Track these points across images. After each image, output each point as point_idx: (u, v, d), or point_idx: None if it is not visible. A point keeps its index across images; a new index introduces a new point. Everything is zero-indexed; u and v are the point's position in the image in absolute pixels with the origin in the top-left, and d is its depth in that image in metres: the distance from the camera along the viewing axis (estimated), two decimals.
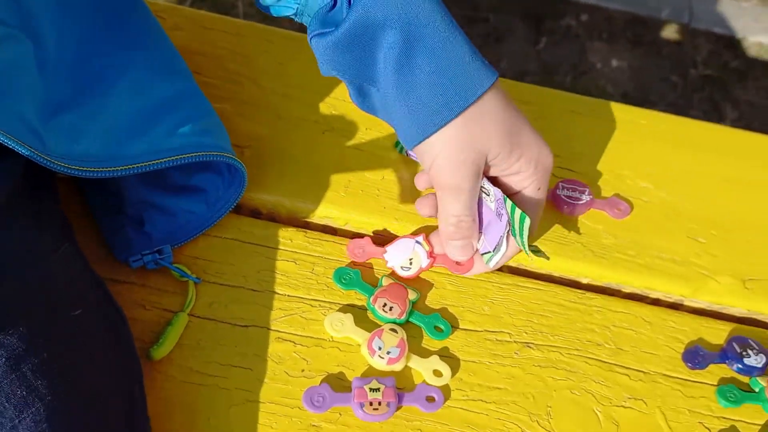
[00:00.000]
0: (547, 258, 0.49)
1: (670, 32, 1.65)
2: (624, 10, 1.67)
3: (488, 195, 0.45)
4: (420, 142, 0.43)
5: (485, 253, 0.48)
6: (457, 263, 0.49)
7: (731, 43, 1.66)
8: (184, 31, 0.59)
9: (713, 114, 1.55)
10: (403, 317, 0.47)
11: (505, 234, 0.45)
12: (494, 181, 0.46)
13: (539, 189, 0.46)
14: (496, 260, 0.47)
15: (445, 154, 0.43)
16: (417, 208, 0.50)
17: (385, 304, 0.47)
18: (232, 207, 0.49)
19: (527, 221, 0.43)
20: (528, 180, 0.46)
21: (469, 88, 0.42)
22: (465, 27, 1.63)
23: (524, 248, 0.45)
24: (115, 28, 0.48)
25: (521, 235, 0.44)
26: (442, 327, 0.48)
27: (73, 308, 0.38)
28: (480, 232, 0.47)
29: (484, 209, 0.47)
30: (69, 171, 0.40)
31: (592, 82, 1.54)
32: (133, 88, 0.46)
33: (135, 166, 0.43)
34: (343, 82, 0.44)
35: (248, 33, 0.60)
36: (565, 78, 1.53)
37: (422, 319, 0.48)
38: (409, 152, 0.51)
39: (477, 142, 0.43)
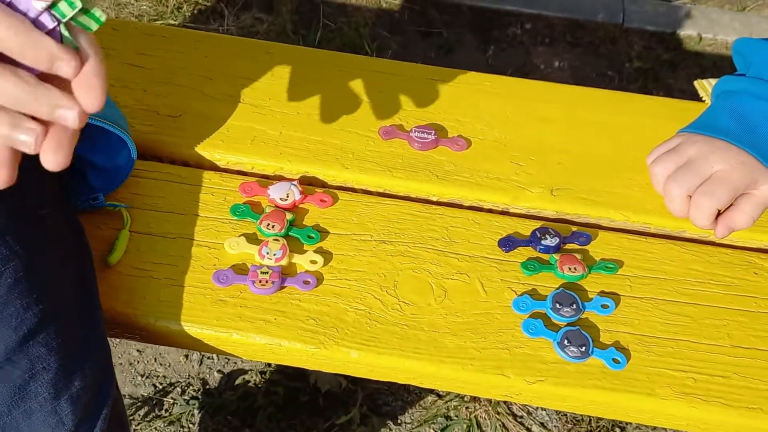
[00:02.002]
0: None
1: (605, 33, 1.83)
2: (563, 17, 1.85)
3: None
4: None
5: None
6: (321, 200, 0.66)
7: (663, 38, 1.83)
8: (131, 38, 0.78)
9: None
10: (283, 231, 0.64)
11: None
12: None
13: None
14: None
15: None
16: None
17: (268, 224, 0.64)
18: (133, 165, 0.65)
19: None
20: None
21: None
22: (420, 41, 1.84)
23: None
24: None
25: None
26: (314, 236, 0.65)
27: (41, 209, 0.55)
28: None
29: None
30: None
31: None
32: None
33: None
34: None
35: (179, 36, 0.79)
36: None
37: (298, 232, 0.65)
38: None
39: None
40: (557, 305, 0.60)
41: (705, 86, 0.78)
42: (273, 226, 0.64)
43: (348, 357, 0.59)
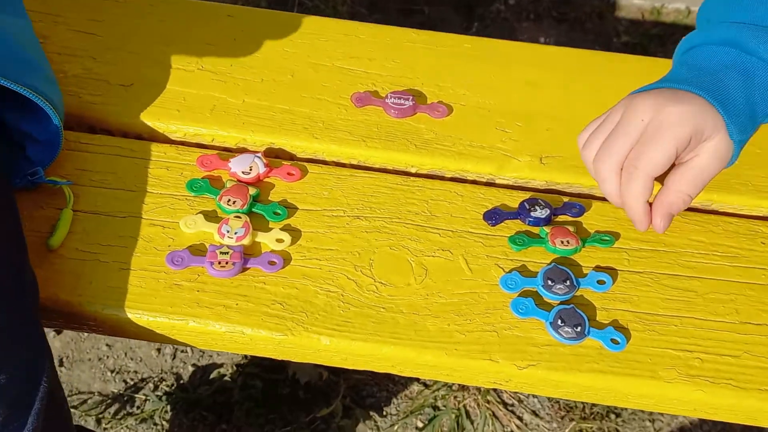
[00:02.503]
0: None
1: (592, 8, 1.77)
2: None
3: None
4: None
5: None
6: (288, 173, 0.60)
7: (651, 13, 1.78)
8: (81, 2, 0.71)
9: None
10: (245, 207, 0.58)
11: None
12: None
13: None
14: None
15: None
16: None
17: (229, 200, 0.58)
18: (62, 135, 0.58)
19: None
20: None
21: None
22: (402, 19, 1.78)
23: None
24: None
25: None
26: (280, 212, 0.58)
27: None
28: None
29: None
30: None
31: None
32: None
33: None
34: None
35: (134, 1, 0.73)
36: None
37: (262, 208, 0.59)
38: None
39: None
40: (549, 282, 0.55)
41: None
42: (234, 202, 0.58)
43: (319, 344, 0.53)
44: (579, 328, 0.53)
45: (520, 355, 0.53)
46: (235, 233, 0.56)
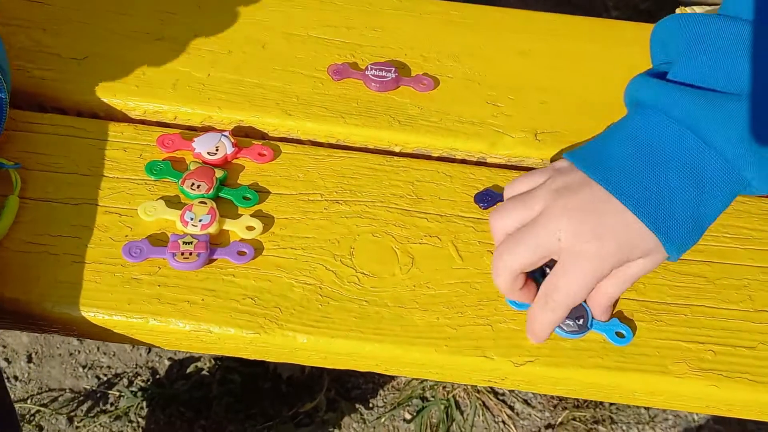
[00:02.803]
0: None
1: None
2: None
3: None
4: None
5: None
6: (259, 153, 0.55)
7: None
8: None
9: None
10: (211, 192, 0.52)
11: None
12: None
13: None
14: None
15: None
16: None
17: (193, 184, 0.52)
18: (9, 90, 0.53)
19: None
20: None
21: None
22: None
23: None
24: None
25: None
26: (250, 196, 0.53)
27: None
28: None
29: None
30: None
31: None
32: None
33: None
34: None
35: None
36: None
37: (230, 192, 0.53)
38: None
39: None
40: (547, 270, 0.50)
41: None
42: (198, 186, 0.52)
43: (294, 343, 0.48)
44: (581, 321, 0.48)
45: (516, 351, 0.48)
46: (200, 221, 0.51)
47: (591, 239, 0.43)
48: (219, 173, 0.53)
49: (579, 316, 0.48)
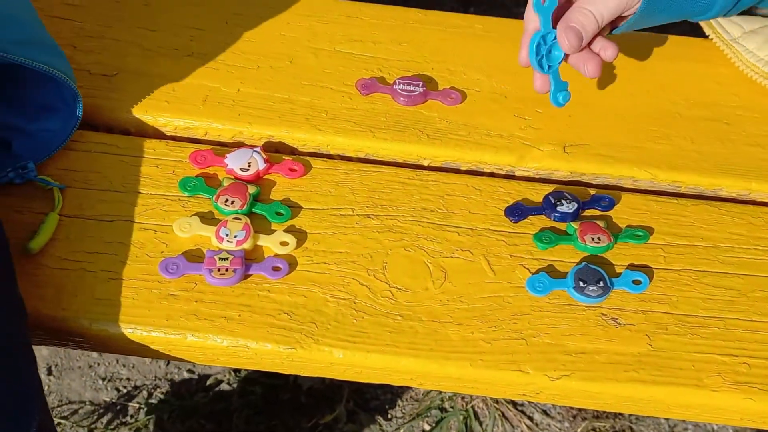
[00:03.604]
0: None
1: None
2: None
3: None
4: None
5: None
6: (290, 169, 0.55)
7: None
8: None
9: None
10: (245, 208, 0.52)
11: None
12: None
13: None
14: None
15: None
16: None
17: (227, 200, 0.53)
18: (77, 125, 0.54)
19: None
20: None
21: None
22: (397, 3, 1.72)
23: None
24: None
25: None
26: (283, 212, 0.53)
27: None
28: None
29: None
30: None
31: None
32: None
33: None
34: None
35: None
36: None
37: (263, 208, 0.53)
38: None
39: None
40: (581, 283, 0.50)
41: (711, 23, 0.68)
42: (233, 202, 0.53)
43: (331, 358, 0.48)
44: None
45: (551, 365, 0.48)
46: (235, 236, 0.51)
47: None
48: (252, 189, 0.54)
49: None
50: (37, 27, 0.54)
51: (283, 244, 0.52)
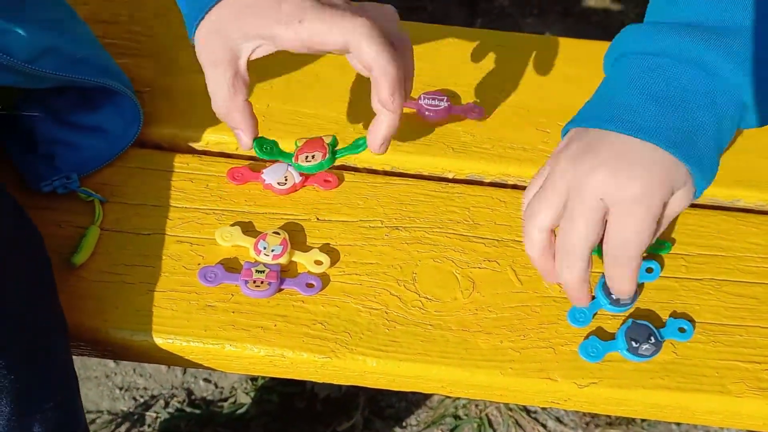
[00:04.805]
0: None
1: (597, 2, 1.75)
2: None
3: None
4: (192, 39, 0.49)
5: None
6: (325, 180, 0.57)
7: None
8: (89, 5, 0.67)
9: None
10: (327, 158, 0.52)
11: None
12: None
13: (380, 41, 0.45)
14: None
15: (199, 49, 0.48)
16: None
17: (307, 157, 0.53)
18: (131, 143, 0.57)
19: None
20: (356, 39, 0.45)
21: None
22: (406, 16, 1.73)
23: None
24: None
25: None
26: (361, 143, 0.52)
27: None
28: None
29: None
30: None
31: None
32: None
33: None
34: None
35: (145, 1, 0.69)
36: None
37: (346, 149, 0.53)
38: None
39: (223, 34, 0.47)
40: (633, 344, 0.49)
41: None
42: (313, 156, 0.52)
43: (365, 366, 0.49)
44: (653, 339, 0.50)
45: (579, 373, 0.50)
46: (272, 251, 0.52)
47: (633, 183, 0.42)
48: (328, 139, 0.53)
49: (648, 335, 0.49)
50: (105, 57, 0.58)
51: (318, 263, 0.53)
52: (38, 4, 0.55)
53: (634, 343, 0.50)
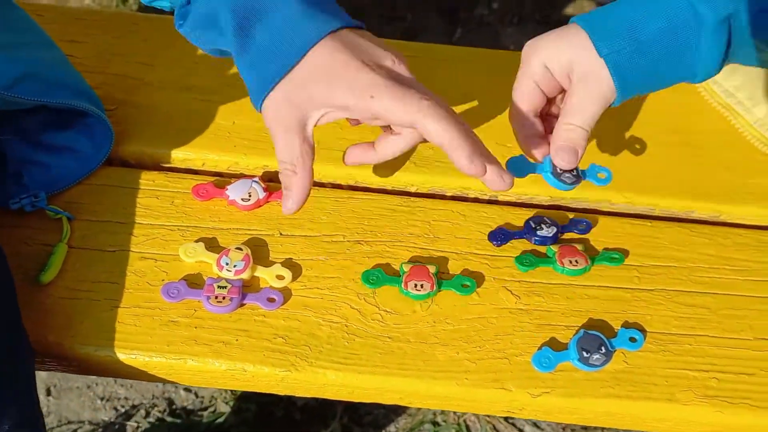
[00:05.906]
0: None
1: (575, 9, 1.77)
2: None
3: None
4: (259, 110, 0.49)
5: None
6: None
7: None
8: (57, 23, 0.68)
9: None
10: (434, 290, 0.53)
11: None
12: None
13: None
14: None
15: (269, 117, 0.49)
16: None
17: (416, 285, 0.53)
18: (101, 164, 0.58)
19: None
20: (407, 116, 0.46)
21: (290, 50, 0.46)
22: (384, 26, 1.75)
23: None
24: None
25: None
26: (468, 284, 0.54)
27: None
28: None
29: None
30: None
31: None
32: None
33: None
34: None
35: (113, 19, 0.70)
36: None
37: (450, 284, 0.54)
38: None
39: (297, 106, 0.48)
40: (585, 354, 0.51)
41: (710, 88, 0.70)
42: (422, 286, 0.53)
43: (324, 379, 0.51)
44: (603, 349, 0.51)
45: (532, 383, 0.51)
46: (234, 266, 0.53)
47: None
48: (432, 269, 0.54)
49: (600, 344, 0.51)
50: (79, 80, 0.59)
51: (279, 277, 0.54)
52: (12, 30, 0.56)
53: (585, 353, 0.51)
